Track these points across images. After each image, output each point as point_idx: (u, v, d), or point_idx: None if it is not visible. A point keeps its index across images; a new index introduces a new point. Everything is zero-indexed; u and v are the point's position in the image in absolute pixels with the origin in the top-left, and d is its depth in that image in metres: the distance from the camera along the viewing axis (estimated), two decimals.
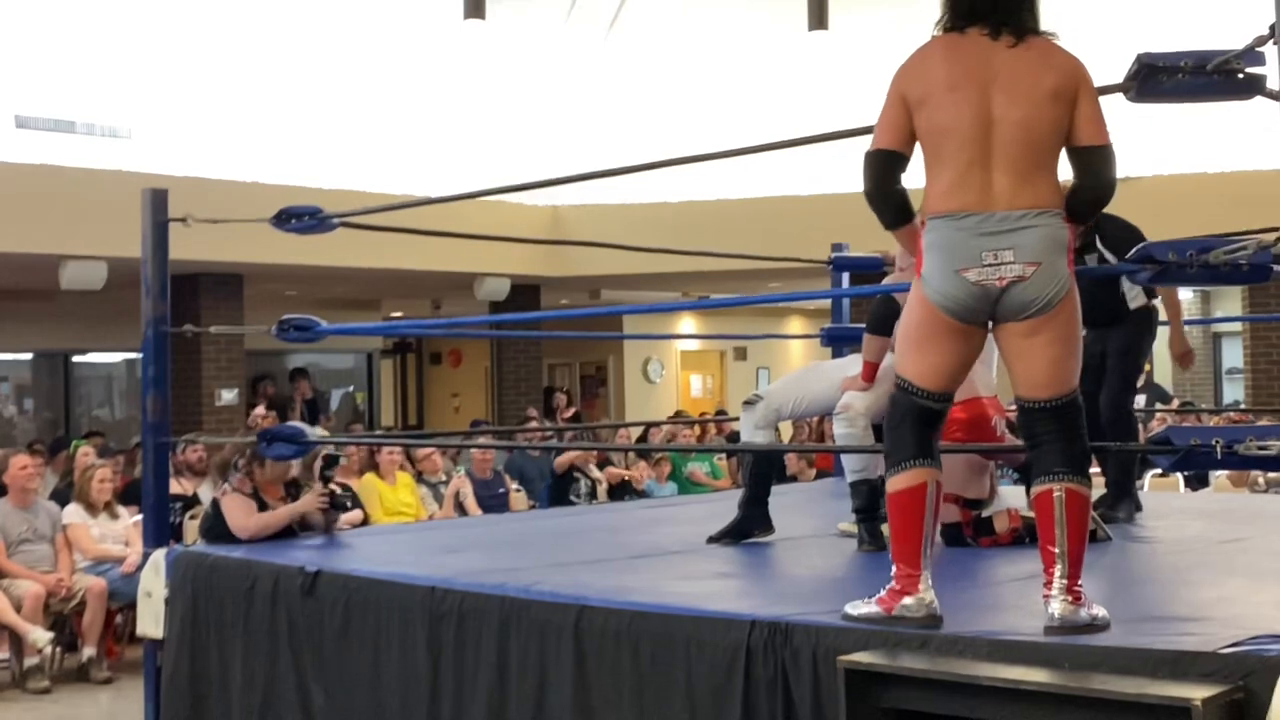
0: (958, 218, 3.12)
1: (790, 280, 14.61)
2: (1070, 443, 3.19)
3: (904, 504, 3.25)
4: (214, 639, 4.96)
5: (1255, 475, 9.73)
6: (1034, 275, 3.08)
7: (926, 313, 3.20)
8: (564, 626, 3.79)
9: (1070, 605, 3.09)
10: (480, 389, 19.83)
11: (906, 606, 3.19)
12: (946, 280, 3.13)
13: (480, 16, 9.39)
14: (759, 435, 5.17)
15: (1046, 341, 3.15)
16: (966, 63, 3.16)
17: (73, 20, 10.66)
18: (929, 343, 3.22)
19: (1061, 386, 3.19)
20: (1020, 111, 3.11)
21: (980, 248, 3.09)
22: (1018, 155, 3.11)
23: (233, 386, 12.14)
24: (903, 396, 3.29)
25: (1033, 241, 3.08)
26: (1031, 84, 3.12)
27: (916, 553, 3.22)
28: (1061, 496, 3.15)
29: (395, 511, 9.16)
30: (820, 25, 10.13)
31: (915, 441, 3.26)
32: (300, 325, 5.37)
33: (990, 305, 3.14)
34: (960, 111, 3.13)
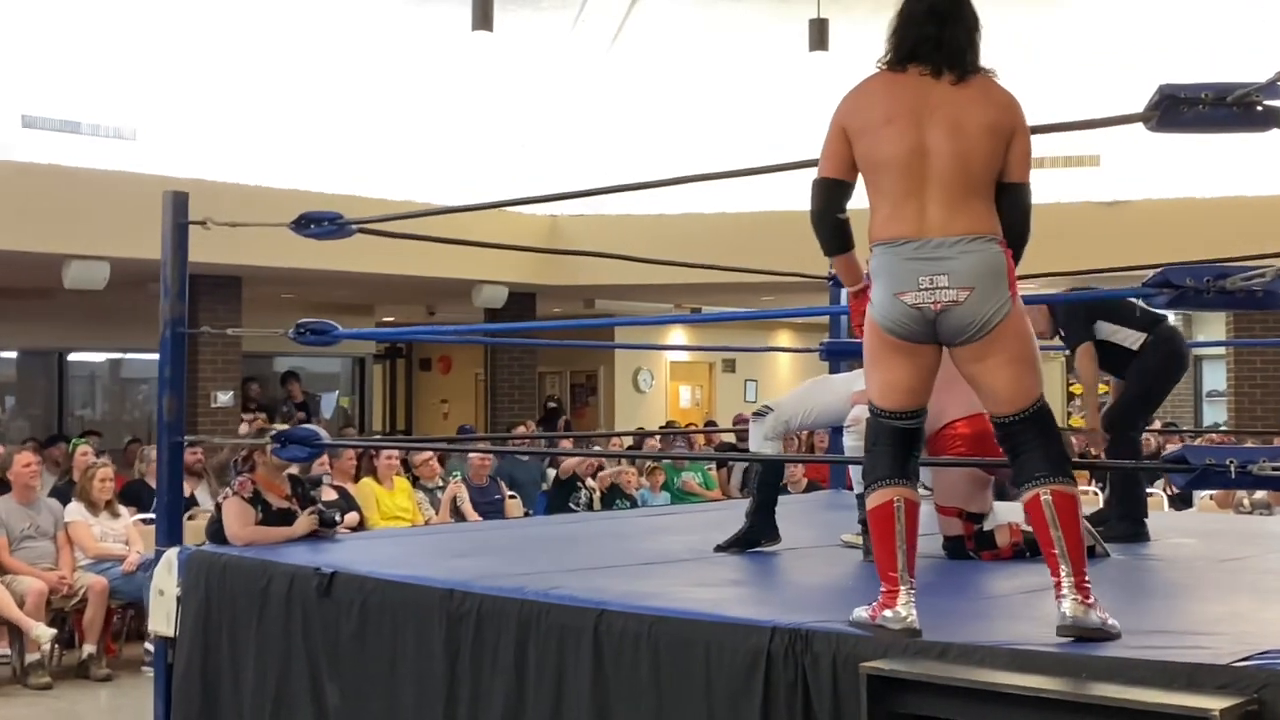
0: (896, 245, 3.28)
1: (782, 295, 14.71)
2: (1047, 446, 3.32)
3: (876, 522, 3.40)
4: (226, 638, 5.02)
5: (1240, 497, 9.85)
6: (968, 299, 3.23)
7: (875, 335, 3.37)
8: (583, 629, 3.86)
9: (1081, 605, 3.19)
10: (469, 396, 19.89)
11: (886, 619, 3.32)
12: (888, 304, 3.29)
13: (488, 28, 9.46)
14: (768, 446, 5.26)
15: (998, 364, 3.29)
16: (904, 98, 3.32)
17: (80, 21, 10.70)
18: (882, 363, 3.39)
19: (1024, 399, 3.32)
20: (955, 144, 3.27)
21: (917, 272, 3.25)
22: (951, 185, 3.26)
23: (228, 389, 12.18)
24: (873, 420, 3.45)
25: (966, 267, 3.23)
26: (968, 118, 3.29)
27: (893, 568, 3.35)
28: (1049, 499, 3.27)
29: (392, 516, 9.22)
30: (821, 45, 10.22)
31: (886, 462, 3.40)
32: (317, 329, 5.43)
33: (929, 328, 3.29)
34: (895, 145, 3.29)
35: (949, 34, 3.36)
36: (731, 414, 17.93)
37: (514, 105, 12.92)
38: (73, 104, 11.14)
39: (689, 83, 12.57)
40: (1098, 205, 11.73)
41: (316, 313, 13.81)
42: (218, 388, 11.84)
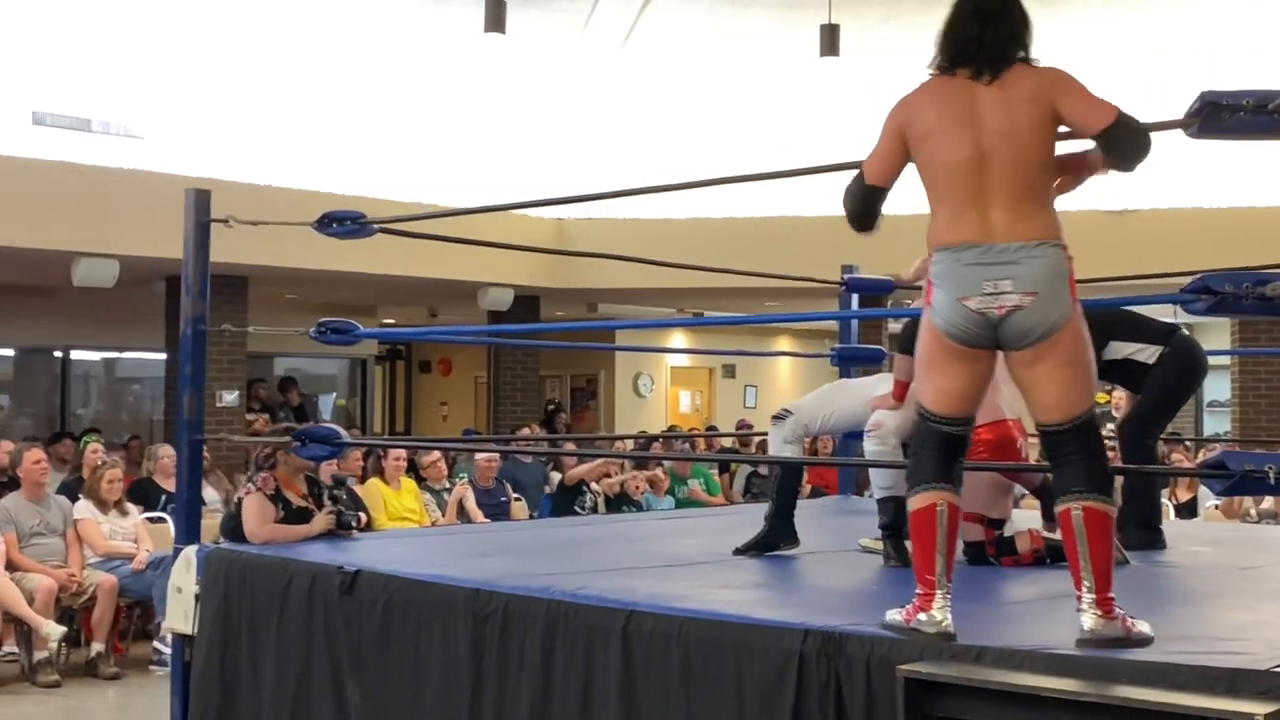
0: (959, 249, 3.28)
1: (786, 300, 14.74)
2: (1089, 461, 3.31)
3: (918, 525, 3.40)
4: (246, 635, 5.02)
5: (1247, 506, 9.89)
6: (1032, 304, 3.23)
7: (934, 339, 3.36)
8: (612, 630, 3.87)
9: (1101, 618, 3.19)
10: (469, 398, 19.91)
11: (921, 622, 3.33)
12: (950, 309, 3.29)
13: (501, 30, 9.45)
14: (788, 449, 5.27)
15: (1052, 368, 3.28)
16: (952, 106, 3.33)
17: (91, 18, 10.70)
18: (938, 368, 3.38)
19: (1074, 409, 3.31)
20: (1008, 149, 3.27)
21: (981, 277, 3.24)
22: (1011, 189, 3.27)
23: (233, 388, 12.18)
24: (922, 423, 3.46)
25: (1031, 272, 3.23)
26: (1011, 120, 3.29)
27: (931, 571, 3.35)
28: (1080, 514, 3.26)
29: (399, 517, 9.23)
30: (832, 51, 10.21)
31: (932, 465, 3.40)
32: (339, 328, 5.44)
33: (991, 332, 3.28)
34: (952, 153, 3.30)
35: (990, 33, 3.36)
36: (731, 419, 17.98)
37: (523, 107, 12.93)
38: (83, 102, 11.15)
39: (699, 86, 12.58)
40: (1104, 214, 11.75)
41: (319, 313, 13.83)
42: (223, 387, 11.84)
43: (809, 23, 10.39)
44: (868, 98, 11.76)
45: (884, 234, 3.63)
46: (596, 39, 11.59)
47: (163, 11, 10.76)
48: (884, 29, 10.92)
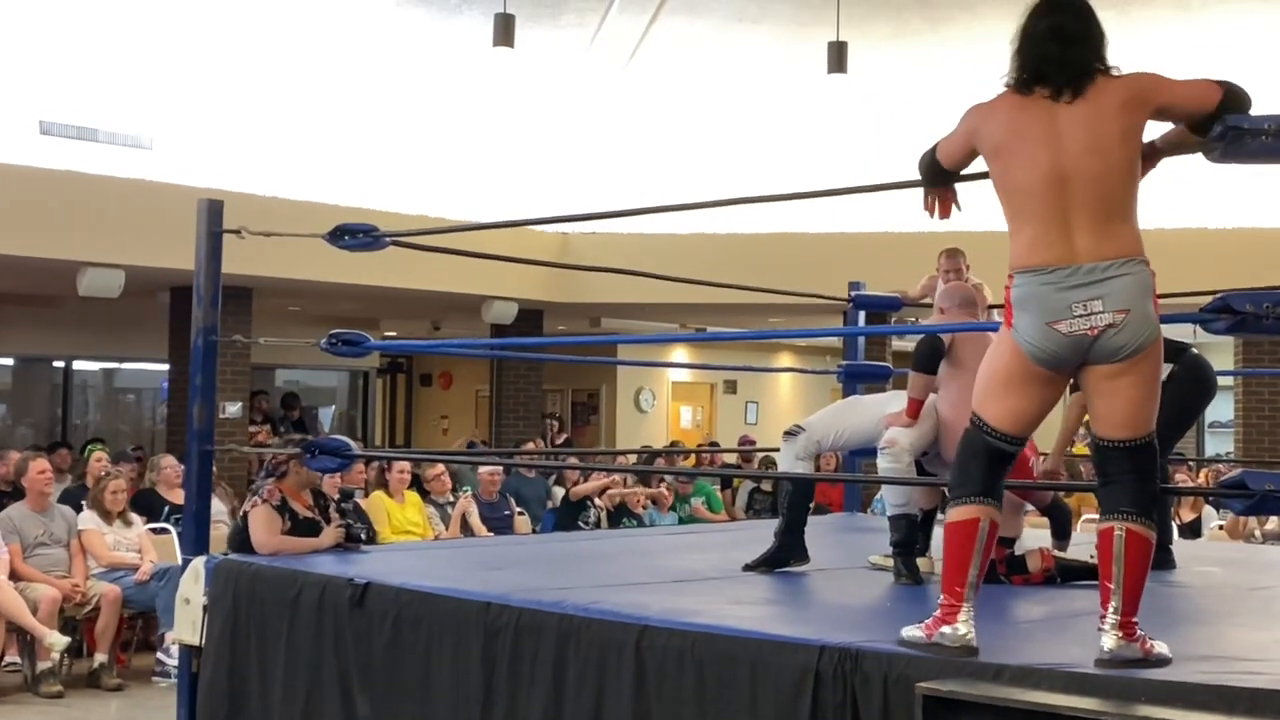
0: (1044, 272, 3.24)
1: (789, 316, 14.74)
2: (1140, 484, 3.29)
3: (956, 536, 3.38)
4: (254, 647, 5.01)
5: (1251, 527, 9.87)
6: (1124, 321, 3.20)
7: (1018, 360, 3.31)
8: (625, 645, 3.86)
9: (1122, 640, 3.19)
10: (469, 412, 19.89)
11: (944, 635, 3.32)
12: (1039, 333, 3.25)
13: (509, 44, 9.48)
14: (799, 466, 5.26)
15: (1131, 383, 3.26)
16: (1030, 126, 3.29)
17: (99, 28, 10.72)
18: (1015, 388, 3.34)
19: (1140, 428, 3.30)
20: (1091, 165, 3.22)
21: (1069, 300, 3.21)
22: (1094, 209, 3.22)
23: (237, 400, 12.17)
24: (977, 435, 3.40)
25: (1120, 289, 3.19)
26: (1097, 135, 3.23)
27: (961, 584, 3.34)
28: (1123, 535, 3.25)
29: (403, 530, 9.21)
30: (839, 68, 10.23)
31: (980, 478, 3.38)
32: (350, 340, 5.43)
33: (1083, 354, 3.25)
34: (1031, 172, 3.26)
35: (1073, 55, 3.31)
36: (732, 435, 17.95)
37: (530, 121, 12.95)
38: (90, 111, 11.16)
39: (705, 102, 12.61)
40: None
41: (322, 325, 13.88)
42: (226, 399, 11.82)
43: (817, 40, 10.42)
44: (875, 115, 11.87)
45: (890, 251, 3.66)
46: (604, 54, 11.63)
47: (170, 22, 10.79)
48: (892, 46, 10.95)
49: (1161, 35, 10.79)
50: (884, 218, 11.71)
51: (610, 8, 10.72)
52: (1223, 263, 10.84)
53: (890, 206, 11.33)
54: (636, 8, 10.78)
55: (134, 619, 8.17)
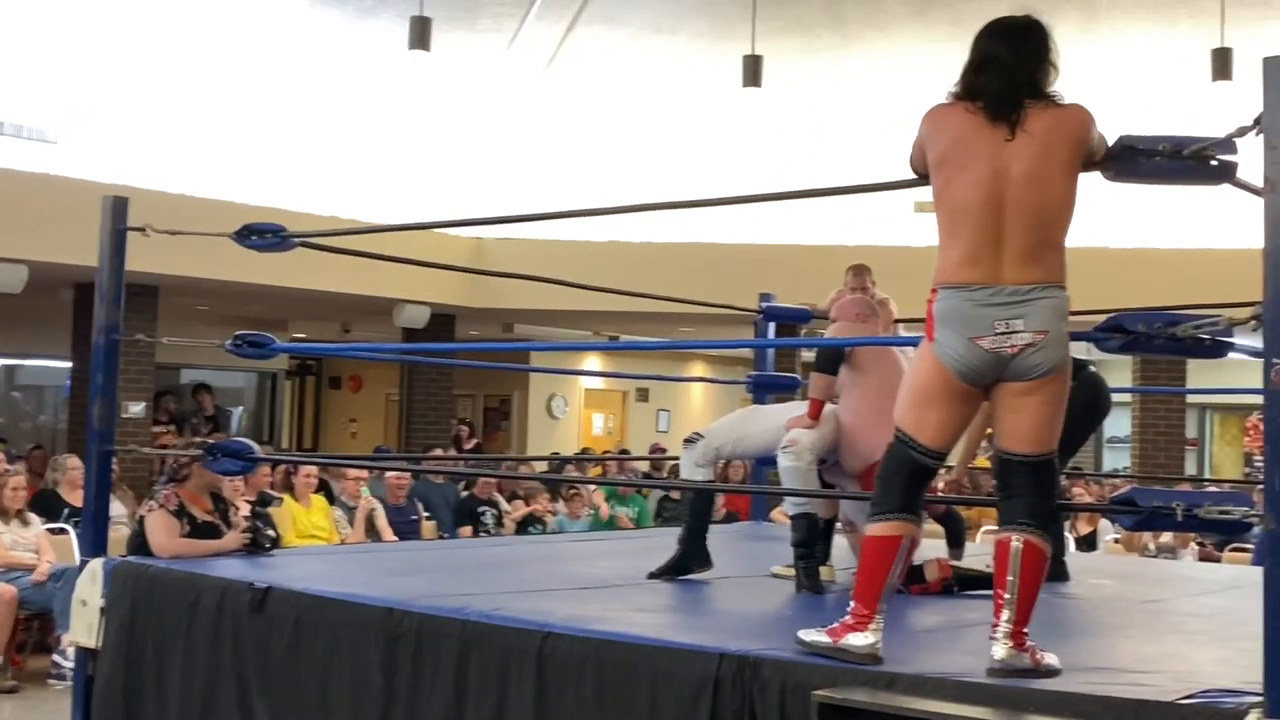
0: (969, 289, 3.30)
1: (701, 326, 14.82)
2: (1040, 498, 3.37)
3: (877, 551, 3.42)
4: (151, 650, 4.93)
5: (1145, 540, 10.10)
6: (1043, 342, 3.28)
7: (939, 374, 3.36)
8: (527, 652, 3.86)
9: (1013, 649, 3.26)
10: (379, 416, 19.76)
11: (851, 643, 3.36)
12: (963, 347, 3.30)
13: (425, 48, 9.43)
14: (699, 472, 5.30)
15: (1040, 401, 3.34)
16: (978, 146, 3.30)
17: (4, 20, 10.51)
18: (941, 404, 3.39)
19: (1044, 445, 3.38)
20: (1030, 196, 3.27)
21: (992, 317, 3.27)
22: (1028, 237, 3.28)
23: (140, 399, 11.98)
24: (900, 449, 3.45)
25: (1040, 311, 3.28)
26: (1042, 166, 3.27)
27: (876, 597, 3.39)
28: (1020, 547, 3.33)
29: (308, 534, 9.12)
30: (754, 82, 10.32)
31: (902, 493, 3.43)
32: (255, 341, 5.37)
33: (1000, 371, 3.32)
34: (972, 193, 3.29)
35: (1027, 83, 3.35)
36: (644, 443, 18.02)
37: (446, 125, 12.90)
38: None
39: (622, 111, 12.65)
40: None
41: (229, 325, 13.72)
42: (129, 398, 11.64)
43: (732, 53, 10.50)
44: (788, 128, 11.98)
45: (800, 264, 3.69)
46: (521, 60, 11.62)
47: (77, 14, 10.61)
48: (805, 61, 11.07)
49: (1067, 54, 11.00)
50: (795, 230, 11.83)
51: (528, 14, 10.72)
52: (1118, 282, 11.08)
53: (801, 220, 11.46)
54: (554, 14, 10.79)
55: (30, 620, 8.01)
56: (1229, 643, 3.82)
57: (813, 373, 5.12)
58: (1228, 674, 3.22)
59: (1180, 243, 12.26)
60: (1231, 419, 19.79)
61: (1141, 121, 4.28)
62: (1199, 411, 19.35)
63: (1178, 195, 10.37)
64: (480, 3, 10.58)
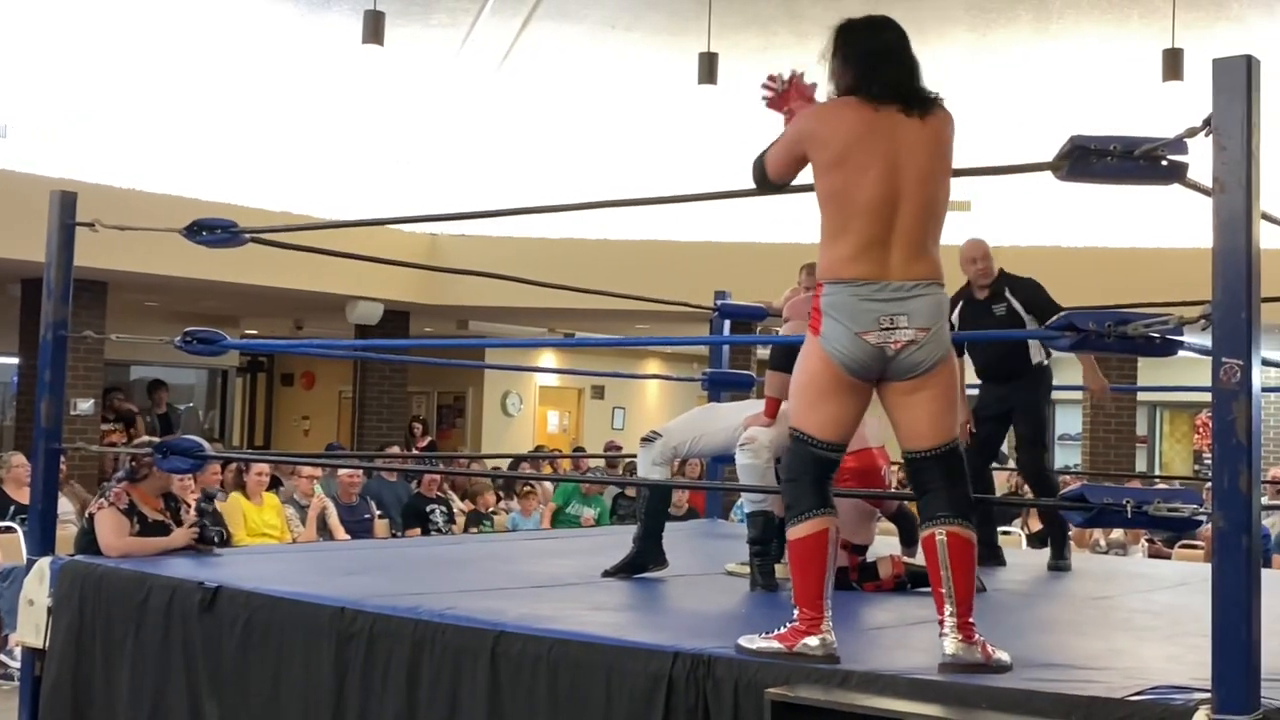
0: (856, 285, 3.34)
1: (656, 323, 14.81)
2: (953, 488, 3.43)
3: (807, 551, 3.43)
4: (100, 651, 4.88)
5: (1096, 537, 10.18)
6: (924, 339, 3.34)
7: (827, 370, 3.40)
8: (480, 651, 3.85)
9: (963, 643, 3.29)
10: (332, 413, 19.63)
11: (808, 645, 3.36)
12: (847, 340, 3.35)
13: (379, 42, 9.38)
14: (655, 471, 5.30)
15: (928, 397, 3.40)
16: (876, 142, 3.33)
17: None
18: (828, 398, 3.42)
19: (943, 436, 3.43)
20: (924, 191, 3.34)
21: (877, 313, 3.32)
22: (915, 233, 3.35)
23: (89, 397, 11.85)
24: (800, 447, 3.48)
25: (923, 308, 3.34)
26: (932, 164, 3.37)
27: (819, 596, 3.40)
28: (944, 540, 3.37)
29: (260, 533, 9.05)
30: (710, 79, 10.32)
31: (815, 492, 3.45)
32: (204, 338, 5.33)
33: (884, 365, 3.37)
34: (871, 190, 3.32)
35: (918, 78, 3.42)
36: (599, 440, 17.98)
37: (399, 121, 12.83)
38: None
39: (577, 108, 12.62)
40: None
41: (180, 322, 13.58)
42: (78, 395, 11.51)
43: (688, 50, 10.50)
44: (744, 126, 11.97)
45: (756, 262, 3.70)
46: (475, 56, 11.57)
47: (25, 8, 10.48)
48: (761, 58, 11.06)
49: (1020, 55, 11.09)
50: (751, 228, 11.85)
51: (483, 9, 10.67)
52: (1070, 281, 11.16)
53: (757, 217, 11.47)
54: (509, 10, 10.75)
55: None
56: (1178, 639, 3.86)
57: (769, 371, 5.12)
58: (1177, 671, 3.25)
59: (1132, 242, 12.36)
60: (1181, 416, 19.99)
61: (1094, 121, 4.32)
62: (1149, 409, 19.52)
63: (1129, 195, 10.47)
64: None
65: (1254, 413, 2.81)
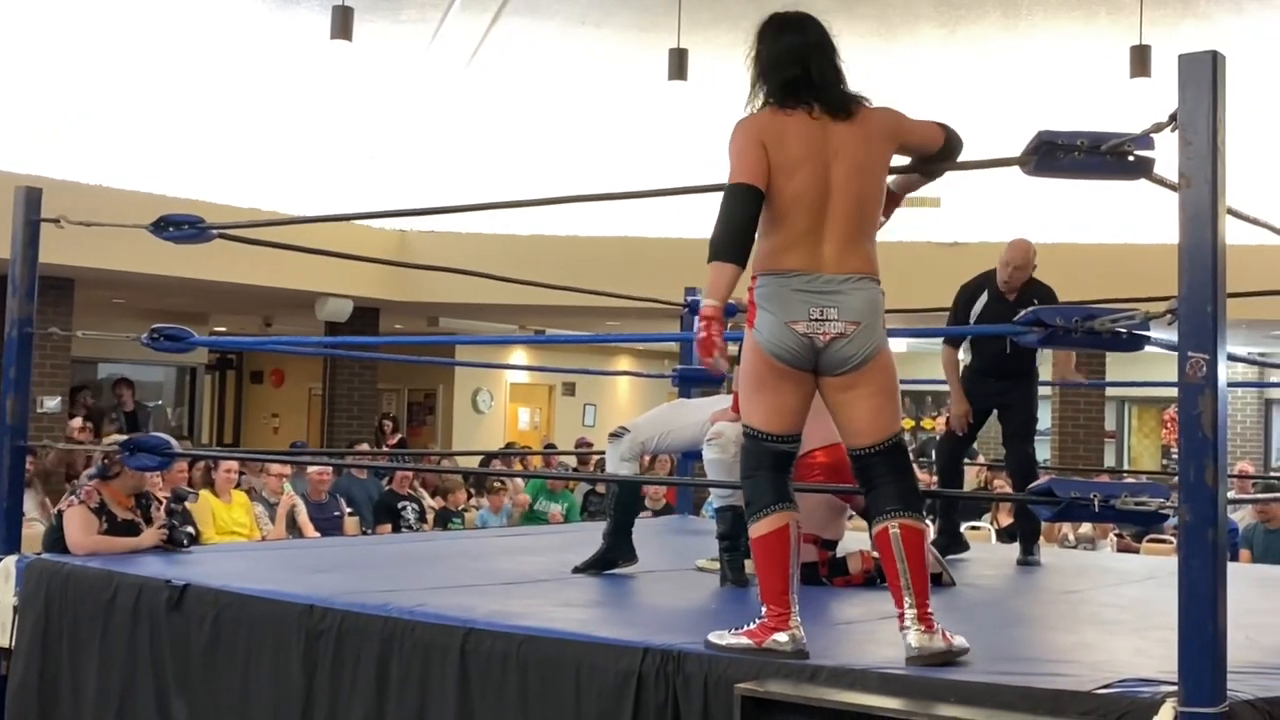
0: (788, 276, 3.37)
1: (626, 320, 14.81)
2: (900, 481, 3.45)
3: (770, 547, 3.44)
4: (67, 650, 4.86)
5: (1065, 531, 10.23)
6: (854, 333, 3.36)
7: (761, 361, 3.42)
8: (449, 648, 3.84)
9: (924, 634, 3.30)
10: (301, 410, 19.56)
11: (778, 641, 3.36)
12: (778, 331, 3.37)
13: (347, 37, 9.34)
14: (624, 467, 5.30)
15: (865, 393, 3.42)
16: (812, 140, 3.38)
17: None
18: (767, 388, 3.45)
19: (884, 431, 3.45)
20: (853, 186, 3.37)
21: (808, 304, 3.35)
22: (848, 225, 3.38)
23: (56, 394, 11.76)
24: (753, 444, 3.50)
25: (854, 303, 3.36)
26: (865, 159, 3.40)
27: (785, 591, 3.41)
28: (897, 533, 3.39)
29: (228, 531, 9.01)
30: (680, 75, 10.32)
31: (772, 487, 3.46)
32: (172, 335, 5.30)
33: (814, 356, 3.39)
34: (807, 184, 3.35)
35: (840, 73, 3.48)
36: (570, 437, 17.98)
37: (368, 116, 12.78)
38: None
39: (547, 104, 12.60)
40: (938, 246, 12.09)
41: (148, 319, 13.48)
42: (45, 392, 11.43)
43: (658, 46, 10.49)
44: (714, 122, 11.97)
45: None
46: (444, 51, 11.53)
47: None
48: (731, 54, 11.05)
49: (988, 51, 11.13)
50: None
51: (452, 4, 10.64)
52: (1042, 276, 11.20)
53: None
54: (478, 6, 10.72)
55: None
56: (1146, 633, 3.88)
57: (738, 367, 5.12)
58: (1145, 664, 3.27)
59: (1101, 237, 12.43)
60: (1150, 411, 20.13)
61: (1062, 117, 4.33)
62: (1118, 404, 19.65)
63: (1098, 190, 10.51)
64: None
65: (1220, 407, 2.83)
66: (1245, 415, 19.26)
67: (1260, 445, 19.22)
